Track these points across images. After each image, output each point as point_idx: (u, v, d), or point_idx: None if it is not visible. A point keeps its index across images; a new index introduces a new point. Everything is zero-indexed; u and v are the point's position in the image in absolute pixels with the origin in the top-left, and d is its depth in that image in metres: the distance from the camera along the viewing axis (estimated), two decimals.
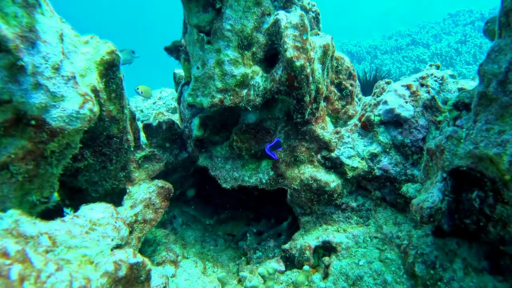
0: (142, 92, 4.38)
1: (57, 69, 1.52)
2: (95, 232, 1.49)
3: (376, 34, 21.44)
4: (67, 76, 1.56)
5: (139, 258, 1.52)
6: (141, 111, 6.03)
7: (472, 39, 13.14)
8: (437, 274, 2.31)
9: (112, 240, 1.54)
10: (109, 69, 2.08)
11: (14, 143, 1.52)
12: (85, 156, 2.15)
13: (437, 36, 15.45)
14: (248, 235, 3.78)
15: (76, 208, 1.75)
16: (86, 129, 1.64)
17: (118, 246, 1.58)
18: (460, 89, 2.84)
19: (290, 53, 2.50)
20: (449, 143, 2.05)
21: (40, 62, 1.47)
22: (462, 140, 1.99)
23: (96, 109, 1.67)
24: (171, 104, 6.15)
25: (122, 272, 1.41)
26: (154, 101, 6.32)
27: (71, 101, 1.56)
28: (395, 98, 2.92)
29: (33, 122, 1.48)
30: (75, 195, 2.28)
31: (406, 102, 2.87)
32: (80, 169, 2.19)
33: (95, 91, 1.91)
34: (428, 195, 2.21)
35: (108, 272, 1.36)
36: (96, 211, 1.64)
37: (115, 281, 1.38)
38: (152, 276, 2.00)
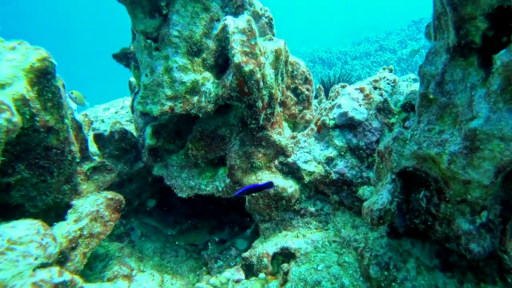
0: (75, 98, 4.22)
1: None
2: (14, 252, 1.38)
3: (346, 40, 21.90)
4: None
5: (67, 276, 1.41)
6: (102, 121, 5.84)
7: None
8: (391, 275, 2.30)
9: (36, 259, 1.43)
10: (42, 77, 1.97)
11: None
12: (17, 170, 2.02)
13: (403, 42, 15.97)
14: (209, 244, 3.68)
15: None
16: (3, 140, 1.53)
17: (43, 265, 1.47)
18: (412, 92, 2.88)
19: (238, 58, 2.46)
20: (396, 145, 2.05)
21: None
22: (407, 141, 2.00)
23: (16, 119, 1.56)
24: None
25: None
26: (117, 110, 6.14)
27: None
28: (349, 101, 2.93)
29: None
30: (9, 213, 2.13)
31: (360, 105, 2.89)
32: (11, 184, 2.05)
33: (23, 100, 1.79)
34: (378, 197, 2.21)
35: None
36: (18, 229, 1.52)
37: None
38: None
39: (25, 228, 1.54)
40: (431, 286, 2.14)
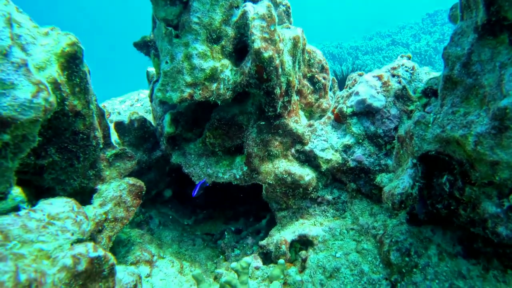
0: None
1: (5, 55, 1.45)
2: (53, 226, 1.42)
3: (357, 36, 21.71)
4: (17, 63, 1.48)
5: (101, 252, 1.46)
6: (118, 113, 5.91)
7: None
8: (412, 261, 2.31)
9: (72, 234, 1.48)
10: (71, 62, 2.01)
11: None
12: (49, 153, 2.07)
13: (416, 36, 15.77)
14: (226, 233, 3.73)
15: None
16: (42, 119, 1.57)
17: (79, 241, 1.52)
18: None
19: (258, 44, 2.48)
20: (418, 129, 2.06)
21: None
22: (429, 125, 2.00)
23: (52, 99, 1.60)
24: (149, 106, 6.04)
25: (82, 267, 1.35)
26: (132, 103, 6.21)
27: (23, 89, 1.49)
28: (367, 88, 2.93)
29: None
30: (43, 195, 2.19)
31: (378, 93, 2.89)
32: (45, 167, 2.10)
33: (55, 83, 1.84)
34: (399, 181, 2.21)
35: (66, 267, 1.30)
36: (56, 205, 1.57)
37: (74, 276, 1.32)
38: (122, 273, 1.93)
39: (61, 205, 1.59)
40: (454, 272, 2.14)
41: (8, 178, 1.58)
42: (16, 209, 1.87)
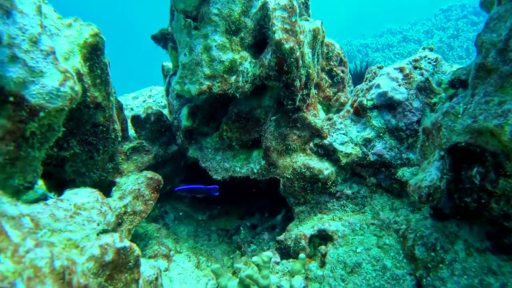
0: None
1: (35, 42, 1.43)
2: (80, 216, 1.40)
3: (367, 33, 21.45)
4: (46, 50, 1.46)
5: (126, 242, 1.43)
6: (131, 109, 5.91)
7: (464, 33, 13.18)
8: (438, 256, 2.25)
9: (98, 224, 1.45)
10: (93, 53, 1.99)
11: None
12: (71, 145, 2.05)
13: (429, 32, 15.49)
14: (241, 228, 3.69)
15: None
16: (67, 108, 1.55)
17: (104, 231, 1.49)
18: None
19: (279, 35, 2.44)
20: (446, 119, 2.00)
21: (16, 34, 1.38)
22: (459, 116, 1.94)
23: (78, 88, 1.57)
24: (161, 102, 6.03)
25: (109, 257, 1.32)
26: (144, 99, 6.19)
27: (51, 77, 1.47)
28: (388, 81, 2.87)
29: (11, 99, 1.38)
30: (63, 187, 2.18)
31: (399, 85, 2.83)
32: (66, 159, 2.09)
33: (78, 74, 1.82)
34: (426, 174, 2.16)
35: (94, 256, 1.27)
36: (81, 196, 1.55)
37: (102, 266, 1.29)
38: (143, 266, 1.91)
39: (86, 196, 1.56)
40: (484, 268, 2.07)
41: (35, 168, 1.56)
42: (39, 200, 1.85)
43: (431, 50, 2.97)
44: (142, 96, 6.36)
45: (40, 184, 2.25)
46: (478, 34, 1.75)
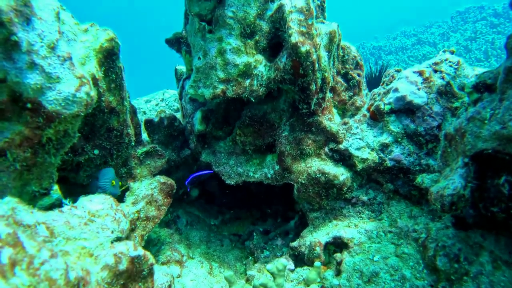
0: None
1: (52, 48, 1.41)
2: (94, 224, 1.37)
3: (380, 36, 21.20)
4: (63, 56, 1.44)
5: (141, 251, 1.39)
6: (144, 112, 5.92)
7: (483, 35, 12.82)
8: (462, 267, 2.16)
9: (112, 232, 1.42)
10: (108, 57, 1.97)
11: (10, 128, 1.41)
12: (85, 150, 2.03)
13: (445, 35, 15.14)
14: (254, 234, 3.64)
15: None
16: (83, 114, 1.53)
17: (118, 239, 1.46)
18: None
19: (295, 38, 2.39)
20: (471, 125, 1.91)
21: (35, 40, 1.36)
22: (486, 121, 1.85)
23: (93, 93, 1.55)
24: (174, 106, 6.03)
25: (123, 266, 1.28)
26: (157, 102, 6.20)
27: (67, 83, 1.45)
28: (407, 85, 2.79)
29: (29, 105, 1.37)
30: (77, 192, 2.16)
31: (419, 89, 2.75)
32: (81, 164, 2.07)
33: (94, 79, 1.80)
34: (449, 182, 2.08)
35: (108, 265, 1.24)
36: (95, 202, 1.52)
37: (116, 275, 1.25)
38: (156, 273, 1.87)
39: (100, 202, 1.53)
40: None
41: (51, 174, 1.54)
42: (54, 205, 1.84)
43: (452, 52, 2.88)
44: (154, 100, 6.38)
45: (55, 189, 2.23)
46: (509, 35, 1.67)
